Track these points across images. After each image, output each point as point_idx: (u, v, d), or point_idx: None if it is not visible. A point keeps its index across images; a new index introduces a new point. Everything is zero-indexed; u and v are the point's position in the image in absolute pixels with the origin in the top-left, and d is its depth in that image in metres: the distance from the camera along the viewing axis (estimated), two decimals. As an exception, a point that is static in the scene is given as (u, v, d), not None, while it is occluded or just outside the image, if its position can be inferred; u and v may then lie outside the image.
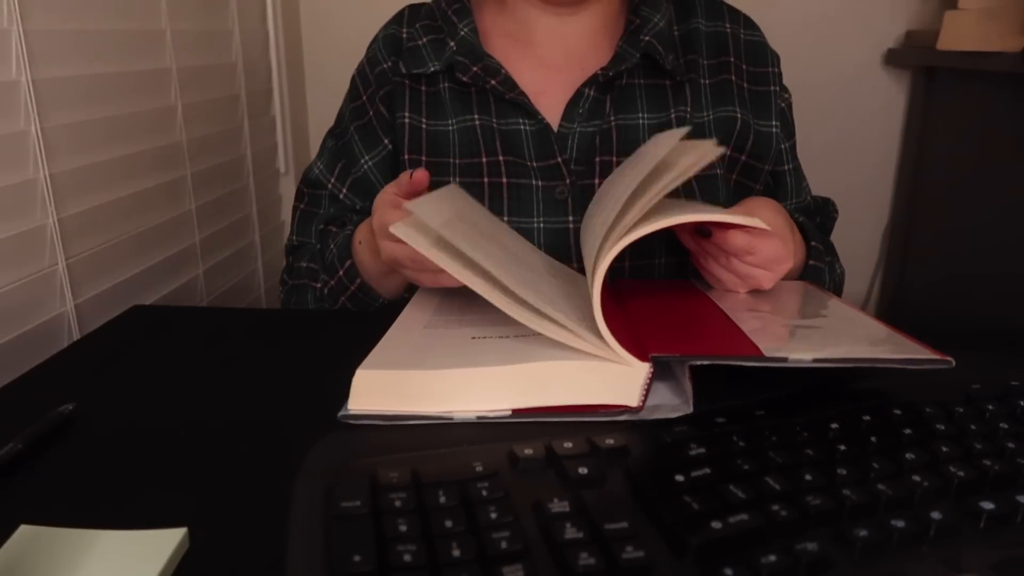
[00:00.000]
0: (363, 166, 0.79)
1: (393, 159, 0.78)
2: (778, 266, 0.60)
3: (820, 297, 0.63)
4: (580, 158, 0.74)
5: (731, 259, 0.60)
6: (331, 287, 0.73)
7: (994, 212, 1.23)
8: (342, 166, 0.81)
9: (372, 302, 0.73)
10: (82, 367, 0.60)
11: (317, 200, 0.82)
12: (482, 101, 0.75)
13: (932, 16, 1.40)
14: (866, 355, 0.47)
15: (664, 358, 0.47)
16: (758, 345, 0.48)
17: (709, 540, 0.33)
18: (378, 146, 0.78)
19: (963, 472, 0.38)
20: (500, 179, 0.74)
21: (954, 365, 0.47)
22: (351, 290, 0.72)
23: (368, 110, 0.79)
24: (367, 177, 0.79)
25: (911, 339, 0.51)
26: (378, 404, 0.48)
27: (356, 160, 0.79)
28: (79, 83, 0.82)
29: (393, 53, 0.78)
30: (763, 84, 0.78)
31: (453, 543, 0.33)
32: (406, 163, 0.77)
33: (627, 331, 0.51)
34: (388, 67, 0.78)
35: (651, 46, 0.73)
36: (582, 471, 0.39)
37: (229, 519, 0.40)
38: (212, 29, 1.11)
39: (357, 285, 0.71)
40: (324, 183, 0.81)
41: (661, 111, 0.75)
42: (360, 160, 0.79)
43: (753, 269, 0.60)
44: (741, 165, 0.77)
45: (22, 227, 0.73)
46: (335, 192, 0.81)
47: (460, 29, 0.76)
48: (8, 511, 0.40)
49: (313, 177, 0.82)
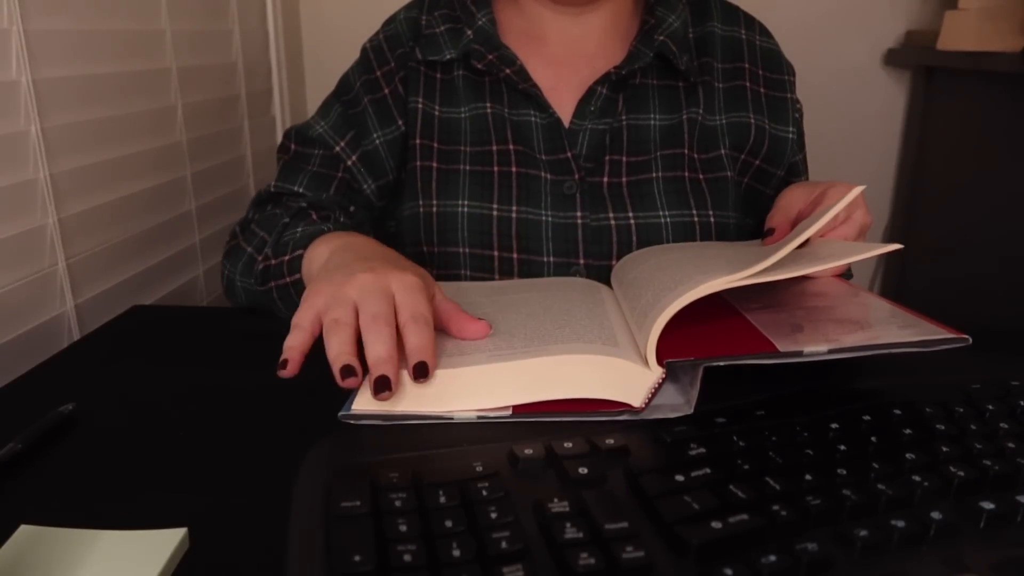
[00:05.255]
0: (375, 140, 0.77)
1: (403, 142, 0.78)
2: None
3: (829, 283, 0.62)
4: (590, 155, 0.74)
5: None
6: (268, 266, 0.65)
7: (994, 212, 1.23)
8: (353, 135, 0.78)
9: (290, 307, 0.59)
10: (82, 367, 0.60)
11: (307, 157, 0.78)
12: (495, 90, 0.75)
13: (932, 16, 1.40)
14: (881, 341, 0.47)
15: (678, 363, 0.47)
16: (772, 340, 0.48)
17: (709, 540, 0.33)
18: (392, 125, 0.78)
19: (963, 472, 0.38)
20: (510, 168, 0.74)
21: (971, 342, 0.47)
22: (285, 280, 0.63)
23: (384, 87, 0.78)
24: (377, 152, 0.77)
25: (923, 318, 0.50)
26: (384, 403, 0.48)
27: (368, 133, 0.78)
28: (79, 83, 0.82)
29: (412, 38, 0.78)
30: (780, 90, 0.78)
31: (453, 543, 0.33)
32: (416, 148, 0.76)
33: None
34: (407, 51, 0.78)
35: (665, 46, 0.73)
36: (582, 471, 0.39)
37: (229, 519, 0.40)
38: (212, 29, 1.11)
39: (293, 279, 0.63)
40: (329, 143, 0.78)
41: (673, 112, 0.75)
42: (373, 134, 0.78)
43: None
44: (754, 169, 0.78)
45: (22, 227, 0.73)
46: (342, 156, 0.77)
47: (478, 19, 0.76)
48: (8, 511, 0.40)
49: (314, 135, 0.78)
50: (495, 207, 0.73)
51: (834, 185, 0.63)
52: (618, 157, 0.74)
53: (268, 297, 0.66)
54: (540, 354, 0.48)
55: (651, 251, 0.67)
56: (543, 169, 0.74)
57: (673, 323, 0.49)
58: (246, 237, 0.72)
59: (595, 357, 0.48)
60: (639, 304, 0.53)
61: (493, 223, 0.73)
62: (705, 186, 0.74)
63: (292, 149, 0.79)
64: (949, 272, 1.36)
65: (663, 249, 0.67)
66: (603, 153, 0.74)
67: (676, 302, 0.48)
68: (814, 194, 0.64)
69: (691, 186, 0.74)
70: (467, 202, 0.73)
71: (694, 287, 0.47)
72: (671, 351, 0.48)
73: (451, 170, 0.75)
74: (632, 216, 0.72)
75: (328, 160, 0.78)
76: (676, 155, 0.74)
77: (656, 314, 0.48)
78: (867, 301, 0.56)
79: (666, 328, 0.48)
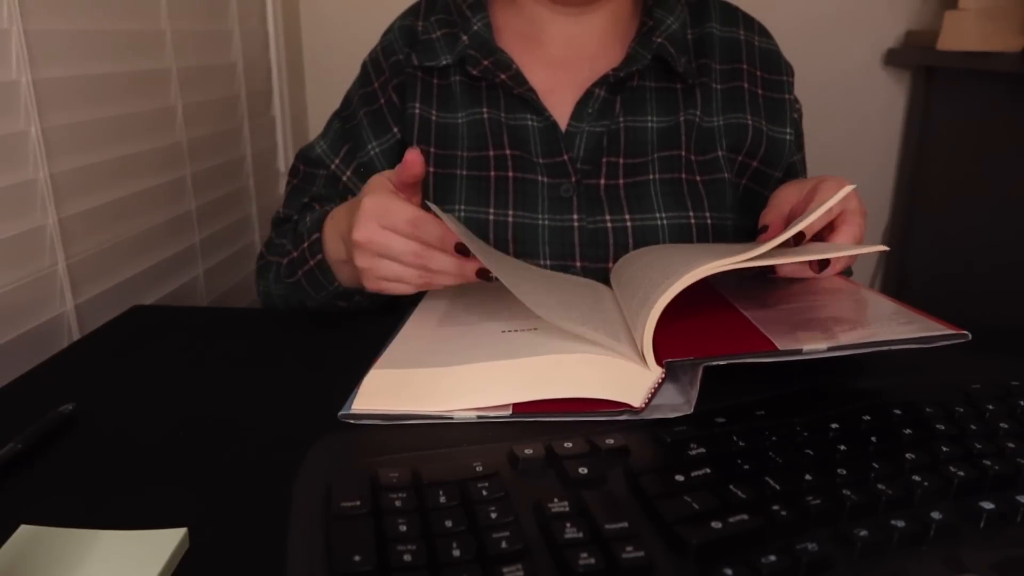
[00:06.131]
0: (370, 152, 0.79)
1: (400, 149, 0.78)
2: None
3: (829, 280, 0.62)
4: (587, 157, 0.74)
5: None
6: (292, 259, 0.71)
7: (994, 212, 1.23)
8: (348, 149, 0.80)
9: (327, 284, 0.69)
10: (82, 367, 0.60)
11: (312, 178, 0.81)
12: (492, 95, 0.76)
13: (932, 16, 1.40)
14: (880, 338, 0.46)
15: (678, 362, 0.47)
16: (771, 338, 0.48)
17: (709, 540, 0.33)
18: (387, 134, 0.79)
19: (963, 472, 0.38)
20: (506, 173, 0.74)
21: (970, 338, 0.47)
22: (310, 265, 0.69)
23: (379, 98, 0.79)
24: (372, 163, 0.79)
25: (923, 314, 0.50)
26: (385, 403, 0.48)
27: (363, 145, 0.79)
28: (79, 83, 0.82)
29: (408, 44, 0.79)
30: (777, 92, 0.78)
31: (453, 543, 0.33)
32: None
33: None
34: (402, 58, 0.78)
35: (663, 48, 0.73)
36: (582, 471, 0.39)
37: (229, 519, 0.40)
38: (212, 29, 1.11)
39: (316, 261, 0.68)
40: (326, 163, 0.81)
41: (671, 114, 0.75)
42: (368, 145, 0.79)
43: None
44: (752, 171, 0.77)
45: (22, 227, 0.73)
46: (337, 173, 0.80)
47: (474, 24, 0.76)
48: (8, 511, 0.40)
49: (315, 156, 0.81)
50: (491, 212, 0.73)
51: (824, 180, 0.63)
52: (615, 159, 0.74)
53: (299, 288, 0.71)
54: (540, 353, 0.48)
55: (645, 251, 0.67)
56: (540, 173, 0.74)
57: (672, 322, 0.49)
58: (272, 252, 0.78)
59: (595, 356, 0.48)
60: (632, 303, 0.53)
61: (490, 227, 0.73)
62: (702, 188, 0.74)
63: (301, 171, 0.83)
64: (949, 272, 1.36)
65: (657, 248, 0.67)
66: (600, 155, 0.74)
67: (664, 295, 0.47)
68: (805, 190, 0.64)
69: (688, 188, 0.74)
70: (463, 207, 0.74)
71: (679, 278, 0.47)
72: (670, 350, 0.48)
73: (447, 175, 0.75)
74: (629, 218, 0.72)
75: (330, 180, 0.80)
76: (673, 157, 0.74)
77: (647, 312, 0.48)
78: (867, 298, 0.56)
79: (665, 327, 0.48)
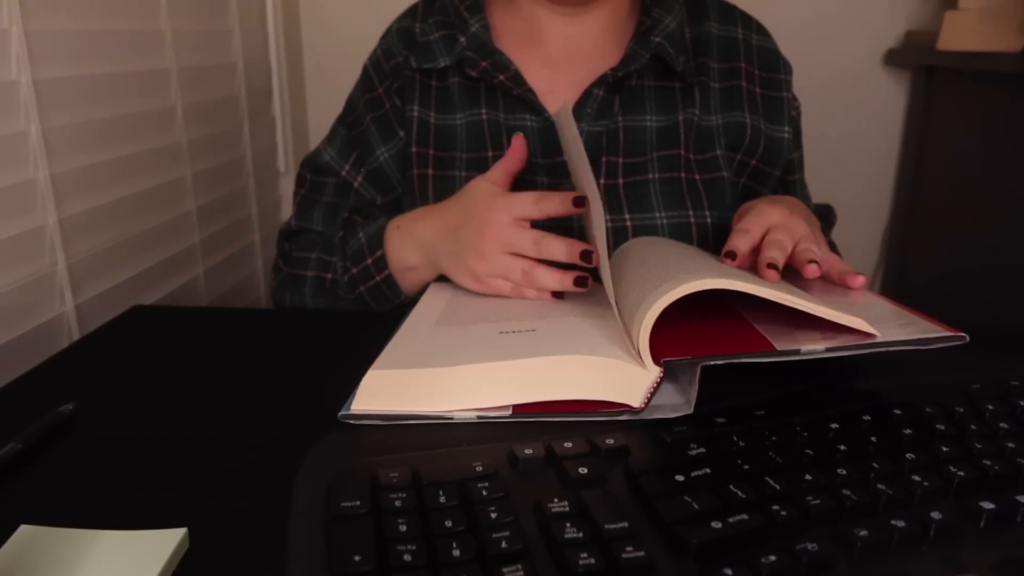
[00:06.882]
0: (379, 157, 0.79)
1: (406, 151, 0.78)
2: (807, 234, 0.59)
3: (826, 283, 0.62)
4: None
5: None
6: (352, 275, 0.73)
7: (994, 212, 1.23)
8: (357, 156, 0.80)
9: (393, 296, 0.73)
10: (82, 367, 0.60)
11: (321, 187, 0.81)
12: (490, 97, 0.76)
13: (932, 16, 1.40)
14: (877, 339, 0.46)
15: (675, 362, 0.47)
16: (769, 339, 0.48)
17: (709, 540, 0.33)
18: (394, 138, 0.79)
19: (963, 472, 0.38)
20: None
21: (968, 340, 0.47)
22: (376, 280, 0.72)
23: (385, 102, 0.79)
24: (382, 169, 0.79)
25: (922, 316, 0.50)
26: (384, 403, 0.48)
27: (372, 151, 0.79)
28: (79, 83, 0.82)
29: (406, 47, 0.79)
30: (776, 90, 0.78)
31: (453, 543, 0.33)
32: (414, 156, 0.77)
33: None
34: (401, 60, 0.78)
35: (662, 47, 0.73)
36: (582, 471, 0.39)
37: (229, 519, 0.40)
38: (212, 29, 1.11)
39: (383, 276, 0.71)
40: (336, 170, 0.81)
41: (669, 113, 0.75)
42: (376, 151, 0.79)
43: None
44: (751, 170, 0.77)
45: (22, 227, 0.73)
46: (349, 180, 0.80)
47: (471, 25, 0.76)
48: (8, 511, 0.40)
49: (323, 163, 0.82)
50: None
51: (756, 204, 0.64)
52: (615, 159, 0.74)
53: (358, 301, 0.74)
54: (539, 354, 0.48)
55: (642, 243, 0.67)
56: (539, 173, 0.74)
57: (670, 322, 0.49)
58: (295, 265, 0.78)
59: (594, 357, 0.48)
60: (627, 303, 0.53)
61: None
62: (701, 187, 0.74)
63: (308, 180, 0.82)
64: (949, 272, 1.36)
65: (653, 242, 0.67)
66: (600, 155, 0.74)
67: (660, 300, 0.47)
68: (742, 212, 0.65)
69: (687, 187, 0.74)
70: None
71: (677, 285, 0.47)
72: (669, 350, 0.48)
73: (447, 177, 0.75)
74: (629, 218, 0.72)
75: (340, 188, 0.81)
76: (672, 156, 0.74)
77: (643, 314, 0.48)
78: (865, 300, 0.56)
79: (663, 327, 0.48)
